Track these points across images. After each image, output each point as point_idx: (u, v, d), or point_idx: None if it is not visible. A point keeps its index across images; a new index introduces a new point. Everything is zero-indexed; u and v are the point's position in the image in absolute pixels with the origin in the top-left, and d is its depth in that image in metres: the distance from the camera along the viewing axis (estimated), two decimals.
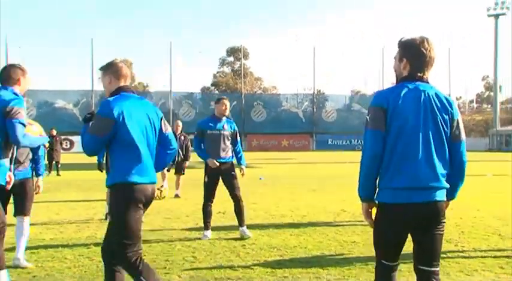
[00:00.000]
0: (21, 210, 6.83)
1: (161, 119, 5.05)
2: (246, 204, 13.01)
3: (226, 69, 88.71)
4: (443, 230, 4.02)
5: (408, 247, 3.95)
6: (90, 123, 4.74)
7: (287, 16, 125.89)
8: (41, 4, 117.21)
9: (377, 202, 4.03)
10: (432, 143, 3.93)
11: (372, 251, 7.52)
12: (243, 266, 6.88)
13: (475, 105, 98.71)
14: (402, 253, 3.99)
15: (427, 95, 3.98)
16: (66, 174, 23.66)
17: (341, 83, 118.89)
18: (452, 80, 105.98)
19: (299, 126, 69.22)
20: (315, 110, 70.61)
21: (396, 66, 4.16)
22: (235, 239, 8.68)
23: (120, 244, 4.57)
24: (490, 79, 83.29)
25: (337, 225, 9.97)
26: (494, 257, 7.41)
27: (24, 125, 5.23)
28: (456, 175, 4.07)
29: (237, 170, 9.09)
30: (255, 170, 27.46)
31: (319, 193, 16.10)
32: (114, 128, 4.55)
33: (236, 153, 9.26)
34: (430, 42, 4.07)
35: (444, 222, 4.01)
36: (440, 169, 3.94)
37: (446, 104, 4.01)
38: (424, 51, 4.04)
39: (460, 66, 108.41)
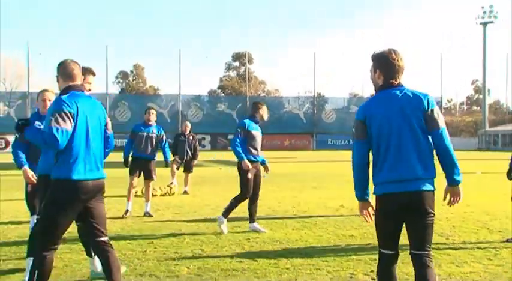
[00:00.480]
0: None
1: (106, 120, 5.14)
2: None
3: (232, 73, 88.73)
4: (431, 217, 4.18)
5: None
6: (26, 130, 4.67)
7: (287, 22, 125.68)
8: (60, 13, 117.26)
9: (375, 196, 4.29)
10: (409, 140, 4.18)
11: (368, 245, 7.57)
12: (248, 258, 6.89)
13: (465, 107, 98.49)
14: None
15: (398, 98, 4.25)
16: None
17: (340, 85, 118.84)
18: (444, 83, 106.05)
19: (300, 127, 69.16)
20: (315, 111, 70.53)
21: (372, 77, 4.47)
22: (240, 232, 8.69)
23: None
24: (479, 83, 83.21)
25: (336, 220, 9.98)
26: (483, 249, 7.41)
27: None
28: (446, 161, 4.28)
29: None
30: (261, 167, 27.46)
31: (319, 189, 16.11)
32: (75, 121, 4.58)
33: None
34: (398, 53, 4.38)
35: (431, 211, 4.18)
36: (420, 162, 4.17)
37: (417, 100, 4.22)
38: (393, 61, 4.32)
39: (451, 71, 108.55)
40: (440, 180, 4.19)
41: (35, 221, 5.92)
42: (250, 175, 8.90)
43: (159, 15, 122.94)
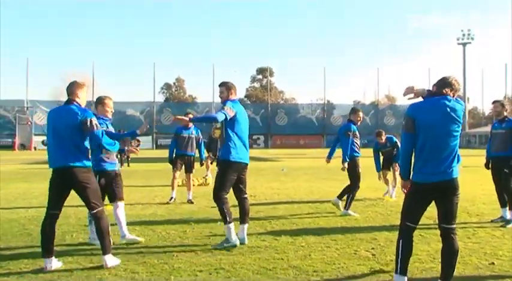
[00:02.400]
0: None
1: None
2: (271, 189, 13.06)
3: (256, 84, 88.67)
4: (458, 198, 4.41)
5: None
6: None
7: (305, 41, 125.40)
8: (117, 37, 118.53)
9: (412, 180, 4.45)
10: (449, 143, 4.34)
11: (369, 226, 7.49)
12: (269, 237, 6.86)
13: None
14: None
15: (446, 105, 4.33)
16: (134, 165, 23.89)
17: (346, 93, 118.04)
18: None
19: (313, 129, 68.99)
20: (325, 116, 70.31)
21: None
22: (263, 216, 8.66)
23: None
24: (460, 92, 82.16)
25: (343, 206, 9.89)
26: (463, 229, 7.31)
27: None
28: None
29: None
30: (278, 163, 27.43)
31: (329, 181, 15.99)
32: None
33: None
34: (456, 78, 4.53)
35: (459, 193, 4.40)
36: (454, 160, 4.37)
37: (459, 109, 4.38)
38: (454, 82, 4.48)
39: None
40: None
41: None
42: (360, 169, 9.05)
43: (197, 37, 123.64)
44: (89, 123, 5.26)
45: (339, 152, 9.29)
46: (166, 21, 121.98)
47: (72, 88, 5.49)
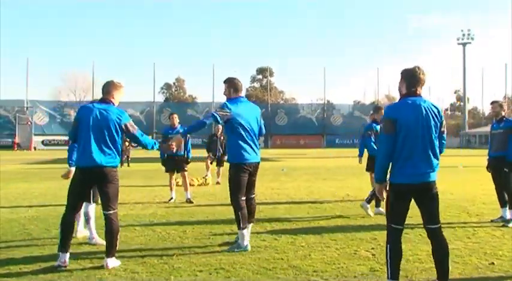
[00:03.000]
0: None
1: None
2: (271, 189, 13.06)
3: (256, 84, 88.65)
4: (438, 197, 4.38)
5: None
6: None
7: (305, 41, 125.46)
8: (118, 37, 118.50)
9: (390, 182, 4.36)
10: (429, 143, 4.30)
11: (369, 226, 7.49)
12: (269, 237, 6.86)
13: (449, 112, 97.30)
14: None
15: (422, 106, 4.30)
16: (134, 165, 23.90)
17: (346, 93, 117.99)
18: (432, 92, 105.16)
19: (313, 129, 69.05)
20: (325, 116, 70.34)
21: (400, 87, 4.51)
22: (262, 216, 8.65)
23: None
24: (460, 92, 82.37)
25: (343, 206, 9.90)
26: (463, 229, 7.33)
27: None
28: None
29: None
30: (278, 163, 27.44)
31: (329, 181, 16.00)
32: None
33: None
34: (421, 68, 4.42)
35: (437, 193, 4.37)
36: (433, 161, 4.33)
37: (437, 112, 4.37)
38: (416, 73, 4.39)
39: (438, 82, 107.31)
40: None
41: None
42: None
43: (197, 37, 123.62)
44: (129, 126, 5.43)
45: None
46: (166, 21, 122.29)
47: (109, 88, 5.55)
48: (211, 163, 15.46)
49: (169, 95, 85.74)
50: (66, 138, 45.52)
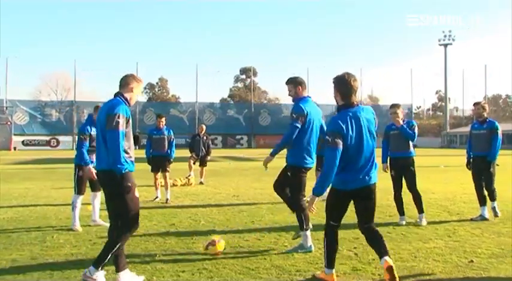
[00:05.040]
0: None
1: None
2: (254, 189, 13.05)
3: (240, 84, 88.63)
4: (375, 200, 4.67)
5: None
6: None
7: (289, 42, 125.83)
8: (98, 36, 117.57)
9: (333, 187, 4.66)
10: (370, 149, 4.57)
11: (352, 226, 7.53)
12: (253, 237, 6.86)
13: (431, 112, 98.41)
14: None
15: (362, 115, 4.53)
16: None
17: (329, 94, 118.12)
18: (414, 93, 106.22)
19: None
20: None
21: (335, 96, 4.69)
22: (246, 216, 8.67)
23: None
24: (442, 93, 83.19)
25: (324, 206, 9.91)
26: (444, 228, 7.43)
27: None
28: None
29: None
30: (261, 163, 27.44)
31: (311, 180, 15.83)
32: None
33: None
34: (352, 75, 4.58)
35: (375, 196, 4.66)
36: (373, 164, 4.59)
37: (373, 117, 4.66)
38: (348, 82, 4.53)
39: (420, 83, 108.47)
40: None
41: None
42: (393, 172, 8.10)
43: (180, 36, 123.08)
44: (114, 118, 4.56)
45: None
46: (149, 21, 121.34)
47: (127, 80, 4.91)
48: (194, 163, 15.42)
49: (153, 94, 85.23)
50: (47, 138, 44.76)
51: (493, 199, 8.20)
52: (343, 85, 4.54)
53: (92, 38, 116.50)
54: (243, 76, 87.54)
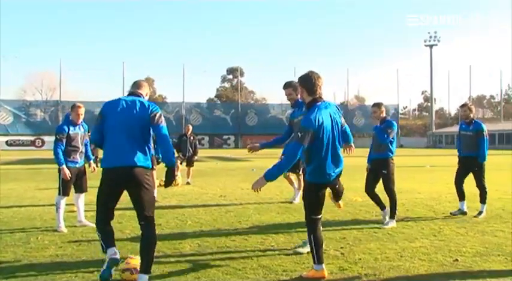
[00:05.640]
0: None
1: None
2: (241, 189, 13.05)
3: (227, 84, 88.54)
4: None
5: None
6: None
7: (276, 42, 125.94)
8: (84, 35, 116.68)
9: (309, 181, 5.00)
10: (337, 143, 4.87)
11: (338, 225, 7.56)
12: (239, 237, 6.86)
13: (417, 112, 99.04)
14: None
15: (331, 110, 4.90)
16: None
17: (326, 93, 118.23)
18: (400, 93, 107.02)
19: (283, 129, 69.09)
20: None
21: (301, 94, 5.11)
22: (233, 216, 8.66)
23: None
24: (428, 93, 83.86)
25: None
26: (430, 228, 7.49)
27: None
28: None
29: None
30: (248, 163, 27.47)
31: None
32: None
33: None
34: (316, 73, 4.89)
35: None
36: (341, 157, 4.94)
37: (337, 109, 5.02)
38: (313, 79, 4.82)
39: (406, 83, 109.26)
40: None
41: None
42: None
43: (167, 36, 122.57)
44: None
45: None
46: (135, 21, 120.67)
47: (141, 82, 5.12)
48: (180, 163, 15.37)
49: None
50: (32, 138, 44.29)
51: (483, 201, 8.52)
52: (309, 82, 4.80)
53: (77, 37, 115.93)
54: (230, 76, 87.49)
